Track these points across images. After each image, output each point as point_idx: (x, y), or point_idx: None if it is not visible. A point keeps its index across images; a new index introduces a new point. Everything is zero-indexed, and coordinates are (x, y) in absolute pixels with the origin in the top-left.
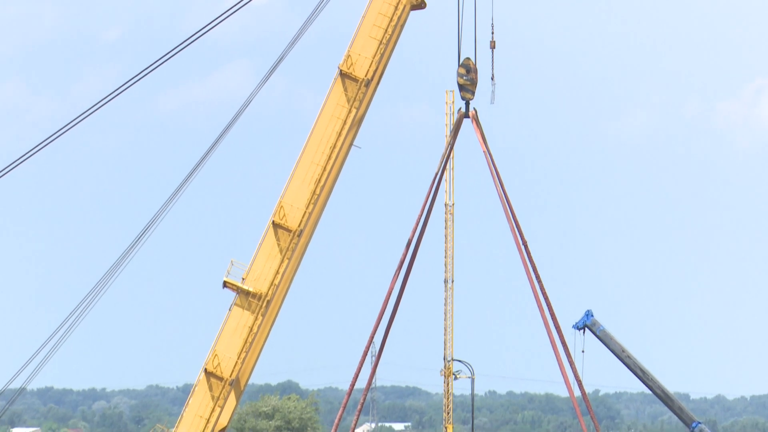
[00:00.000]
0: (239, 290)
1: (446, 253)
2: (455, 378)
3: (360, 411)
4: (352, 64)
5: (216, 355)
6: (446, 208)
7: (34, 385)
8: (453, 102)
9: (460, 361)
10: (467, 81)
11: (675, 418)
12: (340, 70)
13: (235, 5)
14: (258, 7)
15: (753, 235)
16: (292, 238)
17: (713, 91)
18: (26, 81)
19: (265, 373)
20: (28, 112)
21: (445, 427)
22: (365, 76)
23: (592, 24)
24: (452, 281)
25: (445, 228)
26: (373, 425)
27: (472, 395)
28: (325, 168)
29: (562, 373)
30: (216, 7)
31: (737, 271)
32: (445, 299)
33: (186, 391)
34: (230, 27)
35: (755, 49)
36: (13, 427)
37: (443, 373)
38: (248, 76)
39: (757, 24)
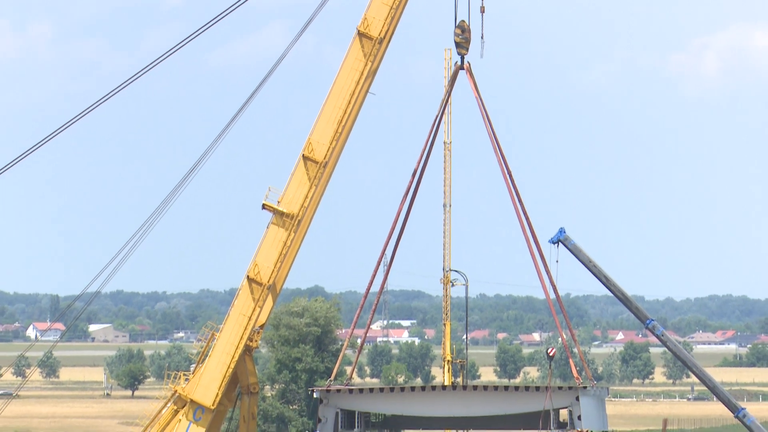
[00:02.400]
0: (275, 211)
1: (445, 181)
2: (452, 285)
3: (374, 311)
4: (368, 25)
5: (256, 264)
6: (445, 145)
7: (107, 289)
8: (450, 57)
9: (456, 271)
10: (462, 39)
11: (632, 316)
12: (358, 31)
13: None
14: None
15: (697, 162)
16: (319, 168)
17: (666, 43)
18: (107, 39)
19: (297, 279)
20: (105, 65)
21: (444, 324)
22: (379, 35)
23: None
24: (450, 205)
25: (444, 161)
26: (385, 322)
27: (466, 298)
28: (345, 111)
29: (540, 280)
30: None
31: (682, 196)
32: (444, 220)
33: (232, 294)
34: None
35: (700, 6)
36: (90, 324)
37: (442, 281)
38: (283, 35)
39: None
